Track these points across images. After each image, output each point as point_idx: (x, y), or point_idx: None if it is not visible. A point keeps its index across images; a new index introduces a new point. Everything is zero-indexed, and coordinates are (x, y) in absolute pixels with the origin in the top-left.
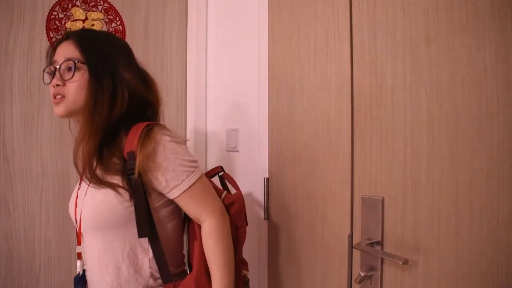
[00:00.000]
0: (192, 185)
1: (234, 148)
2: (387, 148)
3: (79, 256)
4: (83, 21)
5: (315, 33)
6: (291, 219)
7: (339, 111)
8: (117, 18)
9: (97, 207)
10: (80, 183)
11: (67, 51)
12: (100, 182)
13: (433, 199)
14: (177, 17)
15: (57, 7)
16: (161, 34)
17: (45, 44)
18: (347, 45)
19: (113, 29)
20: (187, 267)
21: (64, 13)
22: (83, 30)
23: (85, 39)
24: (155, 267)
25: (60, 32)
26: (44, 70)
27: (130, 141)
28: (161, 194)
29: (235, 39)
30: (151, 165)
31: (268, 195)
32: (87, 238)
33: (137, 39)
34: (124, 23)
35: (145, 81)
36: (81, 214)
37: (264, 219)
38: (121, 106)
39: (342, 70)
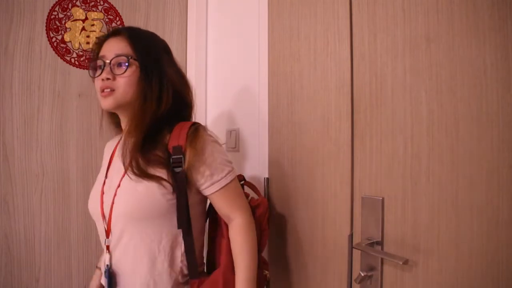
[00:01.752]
0: (228, 183)
1: (234, 148)
2: (387, 148)
3: (108, 248)
4: (83, 21)
5: (315, 33)
6: (291, 219)
7: (339, 111)
8: (117, 18)
9: (138, 198)
10: (105, 180)
11: (117, 46)
12: (144, 174)
13: (433, 199)
14: (177, 17)
15: (57, 7)
16: (161, 34)
17: (45, 44)
18: (347, 45)
19: (113, 29)
20: (205, 268)
21: (64, 13)
22: (131, 27)
23: (137, 37)
24: (185, 262)
25: (60, 32)
26: (90, 64)
27: (176, 137)
28: (198, 192)
29: (235, 39)
30: (198, 159)
31: (268, 195)
32: (119, 231)
33: None
34: (124, 23)
35: (184, 82)
36: (111, 208)
37: None
38: (166, 105)
39: (342, 70)
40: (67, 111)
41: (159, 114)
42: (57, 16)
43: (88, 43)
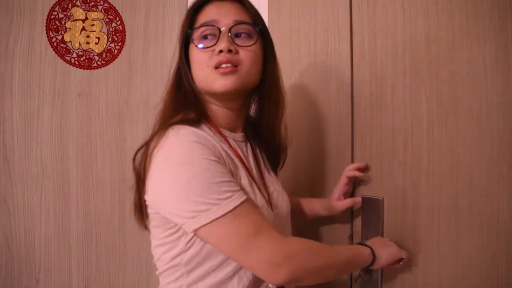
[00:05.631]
0: None
1: None
2: (387, 148)
3: None
4: (83, 21)
5: (315, 33)
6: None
7: (339, 111)
8: (117, 18)
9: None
10: (267, 185)
11: (235, 12)
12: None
13: (433, 200)
14: (177, 17)
15: (57, 7)
16: (161, 34)
17: (45, 44)
18: (347, 45)
19: (113, 29)
20: None
21: (64, 13)
22: None
23: (252, 6)
24: None
25: (60, 32)
26: (191, 31)
27: None
28: None
29: None
30: None
31: None
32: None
33: (137, 39)
34: (124, 23)
35: None
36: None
37: None
38: None
39: (342, 70)
40: (67, 111)
41: None
42: (57, 16)
43: (88, 43)
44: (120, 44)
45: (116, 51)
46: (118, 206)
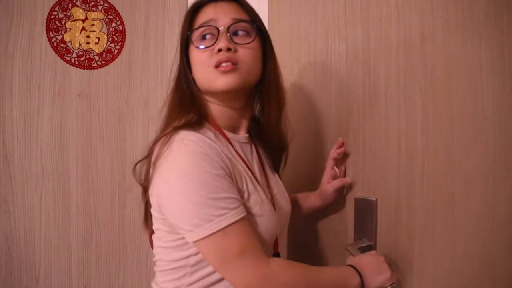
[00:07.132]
0: None
1: None
2: (380, 148)
3: None
4: (83, 21)
5: (315, 33)
6: None
7: (339, 111)
8: (117, 18)
9: None
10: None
11: (232, 10)
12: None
13: (428, 200)
14: (177, 17)
15: (57, 7)
16: (161, 34)
17: (45, 44)
18: (346, 45)
19: (113, 29)
20: None
21: (64, 13)
22: None
23: (248, 4)
24: None
25: (60, 32)
26: (191, 32)
27: None
28: None
29: None
30: None
31: None
32: (285, 232)
33: (137, 39)
34: (124, 23)
35: None
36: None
37: None
38: None
39: (342, 70)
40: (67, 111)
41: None
42: (57, 16)
43: (88, 43)
44: (120, 44)
45: (116, 51)
46: (118, 206)
